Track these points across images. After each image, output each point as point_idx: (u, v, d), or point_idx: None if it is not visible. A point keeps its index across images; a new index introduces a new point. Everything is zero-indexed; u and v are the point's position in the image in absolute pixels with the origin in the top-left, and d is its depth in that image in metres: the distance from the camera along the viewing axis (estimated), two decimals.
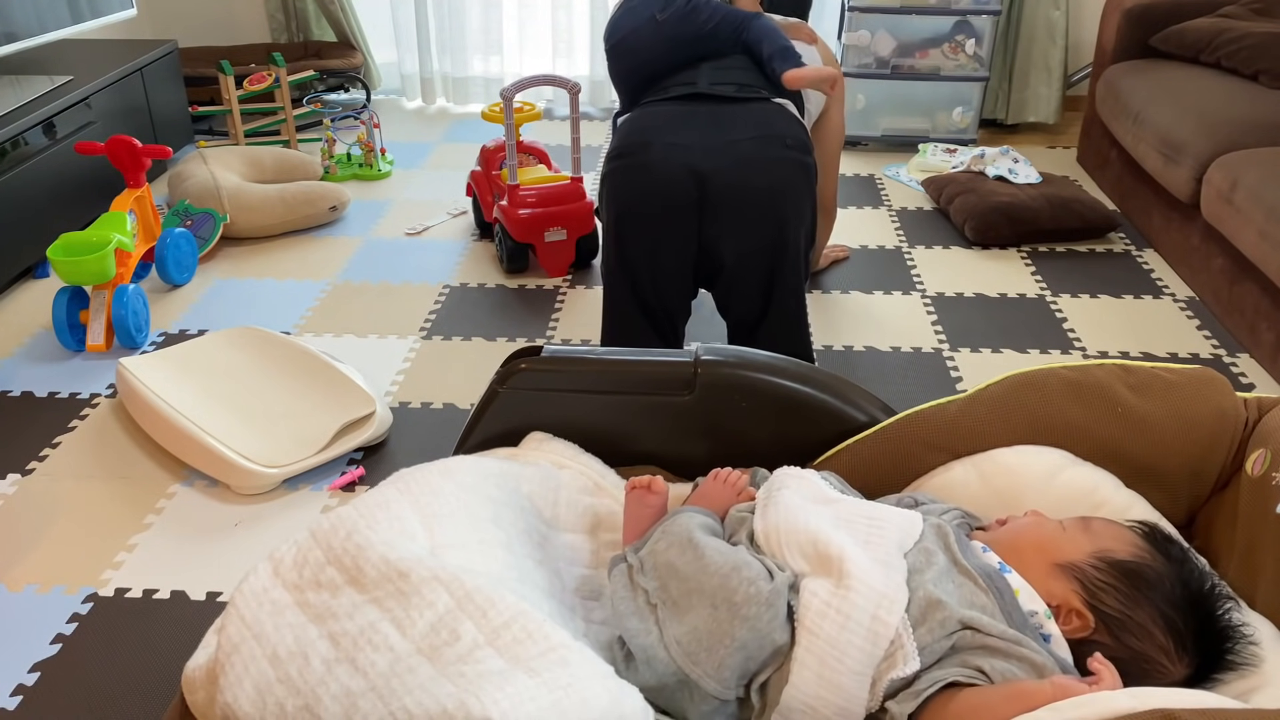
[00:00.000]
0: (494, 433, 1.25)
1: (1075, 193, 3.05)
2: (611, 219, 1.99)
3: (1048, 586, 0.96)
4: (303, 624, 0.88)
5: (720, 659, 0.90)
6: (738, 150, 1.89)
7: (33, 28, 2.89)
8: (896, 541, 0.98)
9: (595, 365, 1.26)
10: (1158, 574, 0.96)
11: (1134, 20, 3.14)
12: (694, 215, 1.91)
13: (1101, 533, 1.00)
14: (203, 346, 2.23)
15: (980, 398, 1.19)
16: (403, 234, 3.00)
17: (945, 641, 0.90)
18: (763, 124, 1.94)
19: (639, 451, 1.25)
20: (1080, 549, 0.98)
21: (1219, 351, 2.37)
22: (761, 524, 1.01)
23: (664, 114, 2.00)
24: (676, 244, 1.94)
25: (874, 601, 0.91)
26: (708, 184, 1.88)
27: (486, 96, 4.20)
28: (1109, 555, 0.97)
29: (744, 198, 1.89)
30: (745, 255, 1.94)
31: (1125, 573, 0.96)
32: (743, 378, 1.23)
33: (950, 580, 0.95)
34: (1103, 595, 0.95)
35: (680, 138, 1.92)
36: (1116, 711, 0.79)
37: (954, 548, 0.98)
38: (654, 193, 1.92)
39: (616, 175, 1.98)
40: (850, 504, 1.05)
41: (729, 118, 1.95)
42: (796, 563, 0.96)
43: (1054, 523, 1.03)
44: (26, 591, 1.65)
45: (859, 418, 1.23)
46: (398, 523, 0.97)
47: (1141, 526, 1.04)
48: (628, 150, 1.96)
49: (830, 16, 4.01)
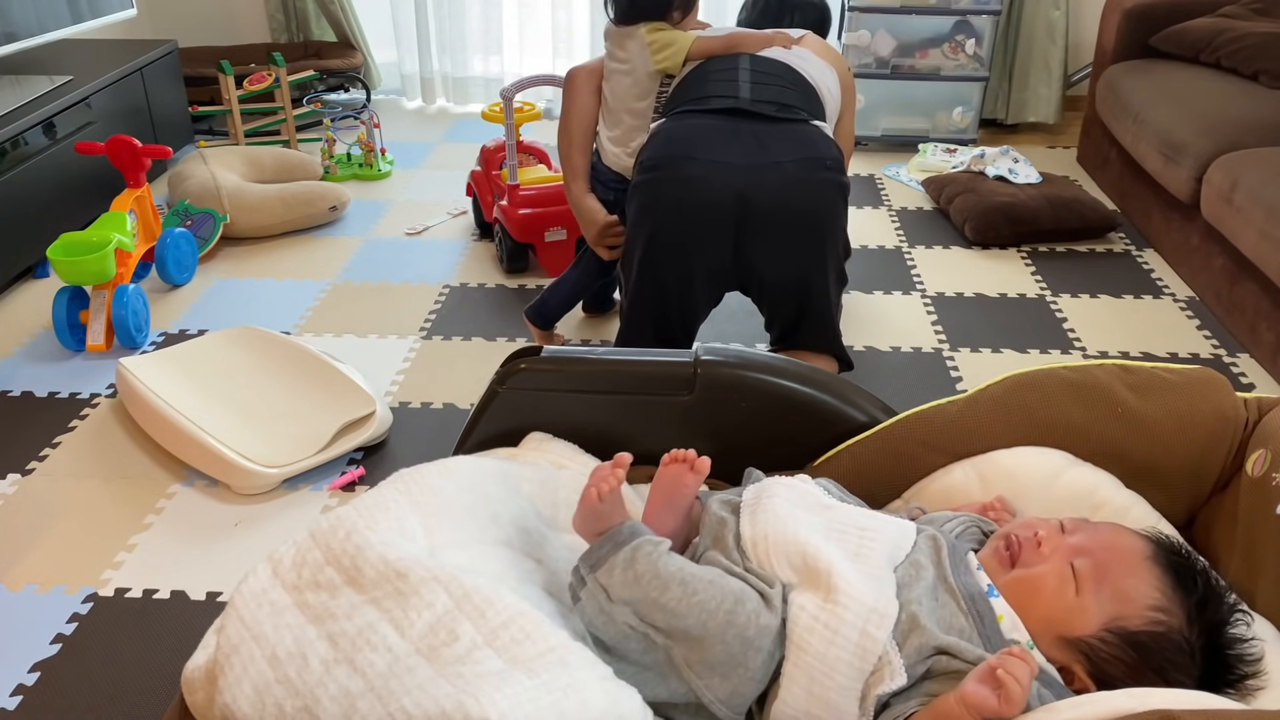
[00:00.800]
0: (494, 433, 1.25)
1: (1075, 193, 3.04)
2: (644, 232, 1.91)
3: (1051, 654, 0.92)
4: (302, 625, 0.88)
5: (734, 687, 0.89)
6: (782, 172, 1.85)
7: (33, 28, 2.89)
8: (887, 554, 0.96)
9: (595, 365, 1.26)
10: (1171, 642, 0.91)
11: (1134, 20, 3.14)
12: (732, 234, 1.87)
13: (1118, 585, 0.93)
14: (203, 346, 2.23)
15: (980, 398, 1.19)
16: (403, 234, 3.00)
17: (920, 666, 0.88)
18: (805, 145, 1.90)
19: (639, 451, 1.25)
20: (1090, 621, 0.92)
21: (1219, 351, 2.37)
22: (750, 529, 0.99)
23: (705, 127, 1.91)
24: (711, 262, 1.91)
25: (862, 617, 0.89)
26: (751, 204, 1.83)
27: (486, 96, 4.20)
28: (1121, 627, 0.92)
29: (787, 220, 1.87)
30: (783, 273, 1.93)
31: (1136, 646, 0.91)
32: (743, 378, 1.23)
33: (934, 598, 0.93)
34: (1108, 668, 0.91)
35: (724, 155, 1.86)
36: (1116, 711, 0.79)
37: (944, 563, 0.96)
38: (694, 209, 1.86)
39: (653, 187, 1.90)
40: (843, 512, 1.03)
41: (771, 137, 1.89)
42: (784, 573, 0.94)
43: (1067, 576, 0.95)
44: (26, 591, 1.65)
45: (859, 418, 1.23)
46: (397, 523, 0.97)
47: (1158, 550, 0.97)
48: (666, 162, 1.89)
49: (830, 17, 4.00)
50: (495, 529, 1.03)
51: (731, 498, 1.07)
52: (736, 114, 1.93)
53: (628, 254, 1.98)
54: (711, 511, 1.05)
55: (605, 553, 0.94)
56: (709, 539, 1.02)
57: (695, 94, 2.00)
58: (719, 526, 1.02)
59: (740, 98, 1.95)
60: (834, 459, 1.21)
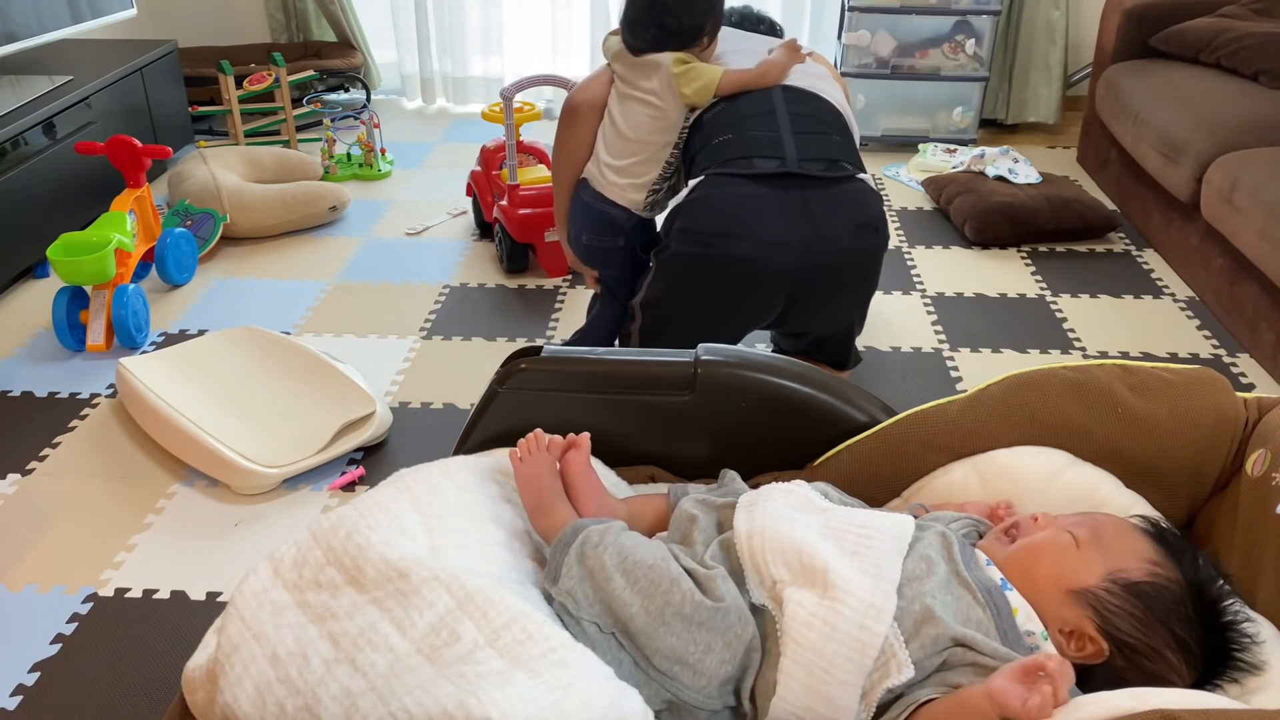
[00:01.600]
0: (494, 433, 1.25)
1: (1075, 193, 3.04)
2: (678, 301, 1.85)
3: (1061, 614, 0.94)
4: (303, 624, 0.88)
5: (698, 672, 0.90)
6: (836, 247, 1.80)
7: (33, 28, 2.89)
8: (890, 549, 0.96)
9: (595, 365, 1.26)
10: (1171, 593, 0.94)
11: (1134, 20, 3.14)
12: (779, 307, 1.86)
13: (1114, 546, 0.98)
14: (203, 346, 2.23)
15: (980, 398, 1.19)
16: (403, 234, 3.00)
17: (936, 658, 0.89)
18: (854, 210, 1.83)
19: (639, 452, 1.25)
20: (1093, 571, 0.96)
21: (1219, 351, 2.37)
22: (746, 525, 0.99)
23: (753, 198, 1.78)
24: (748, 328, 1.92)
25: (860, 612, 0.89)
26: (802, 283, 1.81)
27: (486, 96, 4.20)
28: (1123, 577, 0.95)
29: (837, 289, 1.88)
30: (827, 326, 1.98)
31: (1139, 595, 0.94)
32: (743, 378, 1.23)
33: (949, 592, 0.94)
34: (1117, 621, 0.93)
35: (774, 233, 1.76)
36: (1117, 711, 0.79)
37: (956, 558, 0.97)
38: (742, 290, 1.81)
39: (696, 263, 1.81)
40: (840, 512, 1.03)
41: (822, 205, 1.80)
42: (779, 571, 0.95)
43: (1066, 538, 0.99)
44: (26, 591, 1.65)
45: (859, 418, 1.23)
46: (398, 523, 0.97)
47: (1148, 525, 1.02)
48: (714, 238, 1.79)
49: (830, 16, 4.01)
50: (497, 529, 1.03)
51: (706, 497, 1.08)
52: (784, 177, 1.80)
53: (653, 308, 1.91)
54: (682, 508, 1.06)
55: (558, 561, 0.97)
56: (677, 535, 1.03)
57: (735, 151, 1.84)
58: (688, 524, 1.03)
59: (787, 158, 1.81)
60: (834, 459, 1.21)
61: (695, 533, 1.02)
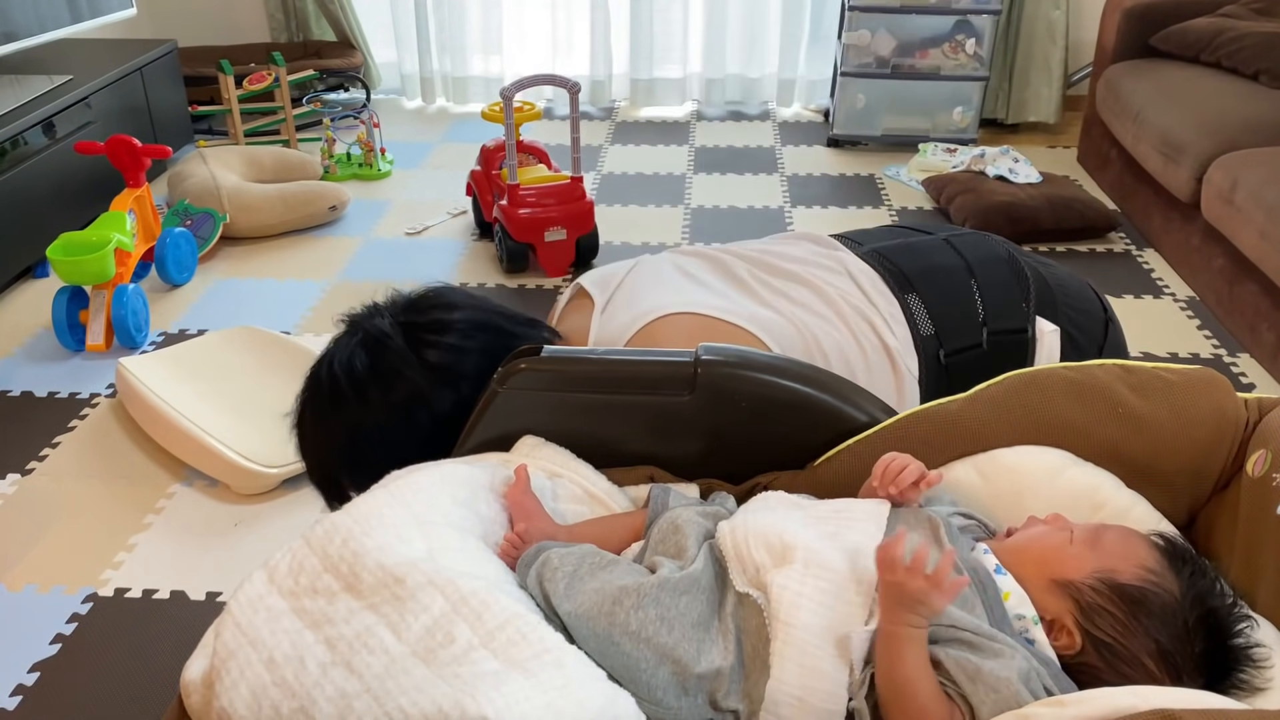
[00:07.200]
0: (493, 433, 1.25)
1: (1075, 192, 3.04)
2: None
3: (1043, 600, 0.95)
4: (299, 630, 0.88)
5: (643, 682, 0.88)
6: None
7: (32, 27, 2.89)
8: (869, 526, 0.98)
9: (595, 365, 1.25)
10: (1163, 603, 0.92)
11: (1134, 20, 3.14)
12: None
13: (1110, 549, 0.97)
14: (203, 346, 2.23)
15: (981, 398, 1.18)
16: (403, 234, 3.00)
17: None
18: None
19: (639, 451, 1.25)
20: (1081, 567, 0.95)
21: (1219, 351, 2.37)
22: (729, 525, 1.01)
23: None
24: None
25: (838, 584, 0.91)
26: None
27: (486, 96, 4.20)
28: (1111, 577, 0.94)
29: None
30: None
31: (1125, 597, 0.93)
32: (743, 378, 1.23)
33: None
34: (1096, 618, 0.93)
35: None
36: (1117, 710, 0.79)
37: (944, 539, 0.98)
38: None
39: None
40: (820, 505, 1.05)
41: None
42: (760, 556, 0.96)
43: (1063, 534, 0.99)
44: (26, 591, 1.65)
45: (859, 418, 1.23)
46: (393, 528, 0.96)
47: (1161, 541, 1.00)
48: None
49: (830, 16, 4.01)
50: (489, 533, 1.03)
51: (701, 507, 1.08)
52: None
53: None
54: (666, 519, 1.05)
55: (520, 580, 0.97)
56: (658, 547, 1.03)
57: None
58: (673, 534, 1.03)
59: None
60: (834, 459, 1.20)
61: (680, 539, 1.02)
